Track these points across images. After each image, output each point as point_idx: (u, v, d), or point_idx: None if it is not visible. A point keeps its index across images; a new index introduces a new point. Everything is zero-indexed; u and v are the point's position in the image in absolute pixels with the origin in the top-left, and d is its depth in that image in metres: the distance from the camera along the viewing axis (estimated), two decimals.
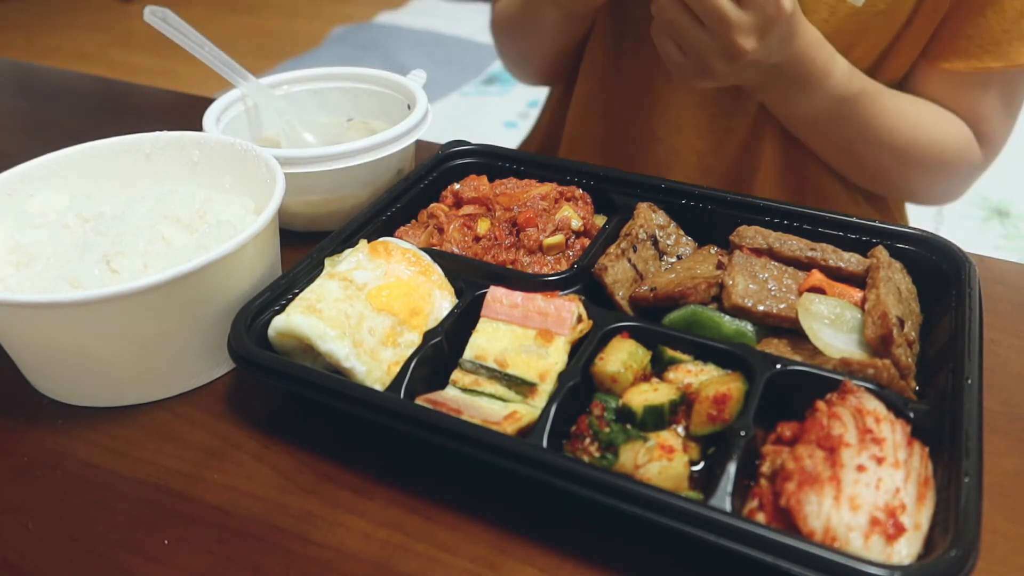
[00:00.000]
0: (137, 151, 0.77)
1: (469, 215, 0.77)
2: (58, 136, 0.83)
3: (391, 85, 0.95)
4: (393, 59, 3.47)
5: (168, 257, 0.65)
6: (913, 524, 0.47)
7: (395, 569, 0.52)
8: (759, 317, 0.63)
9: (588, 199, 0.78)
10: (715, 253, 0.71)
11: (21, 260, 0.66)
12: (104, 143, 0.76)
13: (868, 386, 0.55)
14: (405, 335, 0.63)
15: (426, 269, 0.67)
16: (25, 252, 0.66)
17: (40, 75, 1.40)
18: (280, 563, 0.52)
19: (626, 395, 0.58)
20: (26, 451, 0.61)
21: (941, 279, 0.66)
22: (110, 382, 0.63)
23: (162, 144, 0.77)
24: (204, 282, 0.61)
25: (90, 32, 4.05)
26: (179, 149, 0.77)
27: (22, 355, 0.65)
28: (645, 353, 0.61)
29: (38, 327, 0.60)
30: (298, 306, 0.62)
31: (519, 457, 0.51)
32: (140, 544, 0.54)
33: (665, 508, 0.48)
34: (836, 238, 0.70)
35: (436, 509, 0.55)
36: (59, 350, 0.61)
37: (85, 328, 0.59)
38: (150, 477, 0.58)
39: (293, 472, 0.58)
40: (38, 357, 0.64)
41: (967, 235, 2.24)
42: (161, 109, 1.24)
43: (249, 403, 0.65)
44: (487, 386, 0.60)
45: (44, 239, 0.67)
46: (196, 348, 0.64)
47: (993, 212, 2.36)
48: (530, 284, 0.67)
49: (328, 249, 0.69)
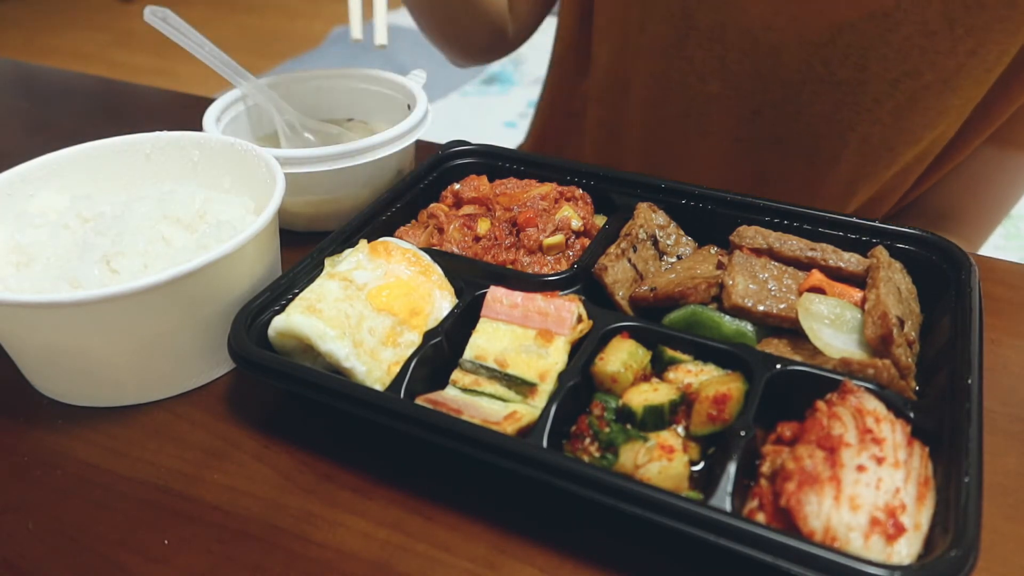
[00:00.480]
0: (137, 151, 0.77)
1: (469, 215, 0.77)
2: (58, 136, 0.83)
3: (391, 85, 0.95)
4: (393, 59, 3.47)
5: (168, 257, 0.65)
6: (913, 524, 0.47)
7: (395, 569, 0.52)
8: (759, 317, 0.63)
9: (588, 199, 0.79)
10: (715, 253, 0.71)
11: (21, 260, 0.66)
12: (104, 143, 0.76)
13: (868, 386, 0.55)
14: (405, 335, 0.63)
15: (426, 269, 0.67)
16: (25, 252, 0.66)
17: (40, 75, 1.40)
18: (280, 563, 0.52)
19: (626, 395, 0.58)
20: (26, 451, 0.61)
21: (941, 279, 0.66)
22: (110, 382, 0.63)
23: (162, 144, 0.77)
24: (204, 282, 0.61)
25: (90, 32, 4.05)
26: (179, 149, 0.77)
27: (22, 356, 0.65)
28: (645, 353, 0.61)
29: (39, 327, 0.60)
30: (298, 306, 0.62)
31: (519, 457, 0.51)
32: (140, 544, 0.54)
33: (665, 508, 0.48)
34: (836, 238, 0.70)
35: (436, 509, 0.55)
36: (60, 350, 0.61)
37: (86, 328, 0.59)
38: (150, 477, 0.58)
39: (293, 472, 0.58)
40: (38, 358, 0.64)
41: None
42: (161, 109, 1.24)
43: (249, 403, 0.65)
44: (487, 386, 0.60)
45: (44, 239, 0.67)
46: (196, 348, 0.64)
47: None
48: (530, 284, 0.67)
49: (328, 249, 0.69)
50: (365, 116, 0.98)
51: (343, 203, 0.84)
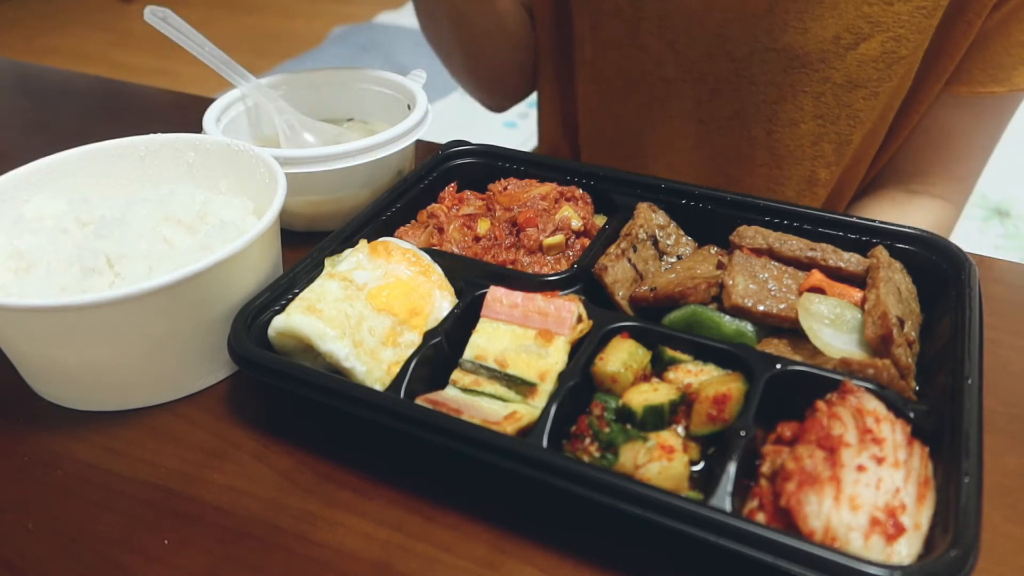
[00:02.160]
0: (132, 154, 0.77)
1: (469, 215, 0.77)
2: (58, 136, 0.83)
3: (391, 85, 0.95)
4: (393, 59, 3.47)
5: (172, 259, 0.64)
6: (913, 524, 0.47)
7: (395, 569, 0.52)
8: (759, 317, 0.63)
9: (588, 199, 0.79)
10: (715, 253, 0.71)
11: (20, 266, 0.66)
12: (98, 146, 0.76)
13: (868, 386, 0.55)
14: (405, 335, 0.63)
15: (426, 269, 0.67)
16: (24, 258, 0.66)
17: (40, 75, 1.40)
18: (280, 563, 0.52)
19: (626, 395, 0.58)
20: (26, 451, 0.61)
21: (941, 279, 0.66)
22: (116, 387, 0.63)
23: (156, 146, 0.77)
24: (211, 283, 0.61)
25: (90, 32, 4.05)
26: (174, 151, 0.77)
27: (26, 363, 0.65)
28: (645, 353, 0.61)
29: (44, 333, 0.59)
30: (298, 306, 0.62)
31: (519, 457, 0.51)
32: (140, 544, 0.54)
33: (665, 508, 0.48)
34: (836, 238, 0.70)
35: (436, 509, 0.55)
36: (64, 356, 0.61)
37: (92, 333, 0.59)
38: (150, 477, 0.58)
39: (293, 472, 0.58)
40: (43, 365, 0.63)
41: (967, 235, 2.24)
42: (161, 109, 1.24)
43: (249, 403, 0.65)
44: (487, 386, 0.60)
45: (43, 244, 0.67)
46: (202, 350, 0.64)
47: (993, 212, 2.36)
48: (530, 284, 0.67)
49: (328, 249, 0.69)
50: (365, 116, 0.98)
51: (343, 203, 0.84)
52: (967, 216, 2.29)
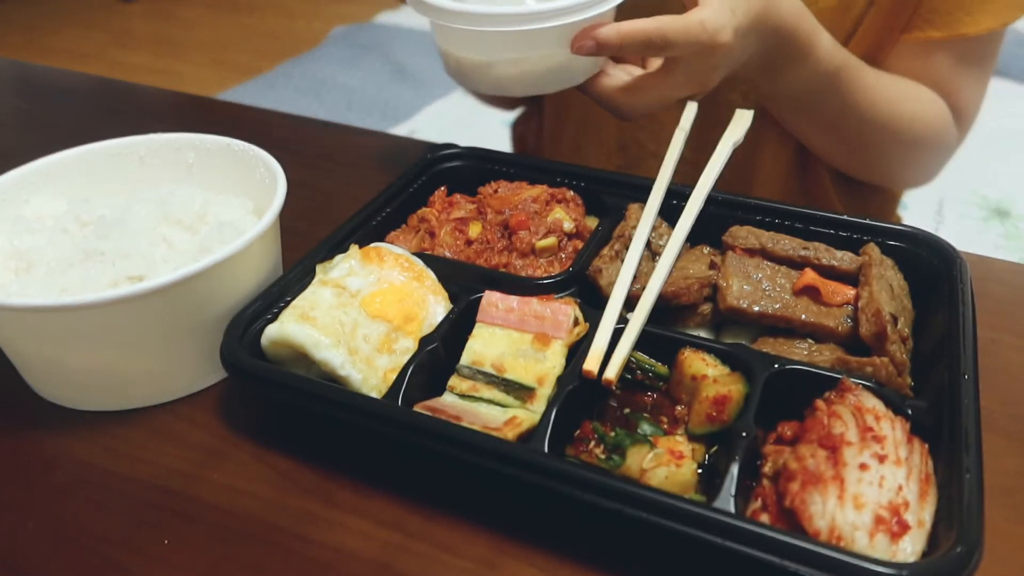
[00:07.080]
0: (131, 154, 0.77)
1: (460, 219, 0.76)
2: (58, 136, 0.83)
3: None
4: (393, 59, 3.46)
5: (172, 259, 0.64)
6: (917, 521, 0.47)
7: (395, 569, 0.52)
8: (755, 318, 0.63)
9: (579, 200, 0.78)
10: (707, 253, 0.71)
11: (20, 266, 0.66)
12: (97, 146, 0.76)
13: (866, 384, 0.55)
14: (400, 341, 0.63)
15: (419, 274, 0.67)
16: (24, 258, 0.66)
17: (40, 75, 1.40)
18: (280, 563, 0.52)
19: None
20: (26, 451, 0.61)
21: (932, 275, 0.66)
22: (116, 387, 0.63)
23: (156, 146, 0.77)
24: (211, 282, 0.61)
25: (90, 32, 4.05)
26: (174, 151, 0.77)
27: (26, 363, 0.65)
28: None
29: (44, 333, 0.59)
30: (291, 314, 0.61)
31: (523, 463, 0.51)
32: (140, 544, 0.54)
33: (670, 511, 0.47)
34: (828, 236, 0.69)
35: (436, 509, 0.55)
36: (64, 356, 0.61)
37: (92, 332, 0.59)
38: (150, 477, 0.58)
39: (293, 472, 0.58)
40: (42, 365, 0.63)
41: (967, 235, 2.24)
42: (161, 109, 1.24)
43: (249, 403, 0.65)
44: (485, 391, 0.59)
45: (43, 244, 0.67)
46: (203, 350, 0.64)
47: (993, 212, 2.36)
48: (525, 288, 0.66)
49: (319, 255, 0.68)
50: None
51: (544, 62, 0.77)
52: (967, 216, 2.30)
